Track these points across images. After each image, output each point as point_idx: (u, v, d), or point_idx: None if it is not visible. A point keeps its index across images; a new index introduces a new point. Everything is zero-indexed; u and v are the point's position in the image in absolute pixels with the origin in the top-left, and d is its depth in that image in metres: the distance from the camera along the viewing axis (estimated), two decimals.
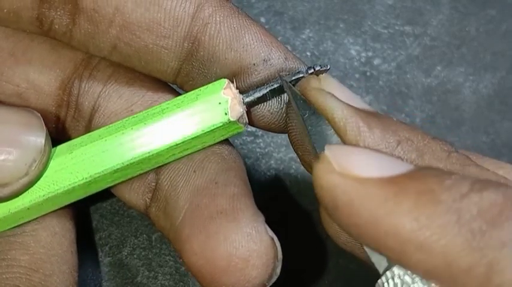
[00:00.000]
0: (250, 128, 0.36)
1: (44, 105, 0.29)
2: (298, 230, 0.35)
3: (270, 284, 0.25)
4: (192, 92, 0.26)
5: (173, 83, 0.27)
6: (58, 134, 0.29)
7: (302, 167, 0.26)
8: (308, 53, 0.38)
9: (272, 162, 0.36)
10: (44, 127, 0.25)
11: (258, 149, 0.36)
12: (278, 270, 0.25)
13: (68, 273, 0.27)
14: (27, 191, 0.26)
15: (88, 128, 0.28)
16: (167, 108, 0.26)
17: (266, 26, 0.38)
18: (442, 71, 0.39)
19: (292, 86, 0.25)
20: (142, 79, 0.28)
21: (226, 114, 0.25)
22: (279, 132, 0.27)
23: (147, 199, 0.28)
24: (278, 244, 0.25)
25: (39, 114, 0.26)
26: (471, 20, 0.40)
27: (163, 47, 0.26)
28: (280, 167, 0.36)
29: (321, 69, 0.26)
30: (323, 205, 0.21)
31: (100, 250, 0.34)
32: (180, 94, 0.28)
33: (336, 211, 0.20)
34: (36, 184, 0.26)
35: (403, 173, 0.20)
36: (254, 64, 0.26)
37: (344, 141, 0.23)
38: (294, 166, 0.36)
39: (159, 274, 0.33)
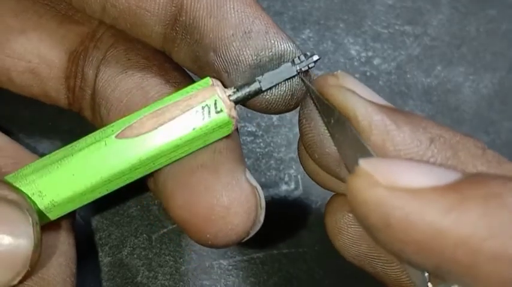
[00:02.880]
0: (250, 128, 0.36)
1: (56, 79, 0.30)
2: (298, 231, 0.35)
3: (254, 232, 0.26)
4: (184, 101, 0.25)
5: (161, 49, 0.27)
6: (70, 104, 0.31)
7: (302, 167, 0.26)
8: (308, 53, 0.38)
9: (272, 162, 0.36)
10: (32, 231, 0.23)
11: (258, 149, 0.36)
12: (261, 218, 0.26)
13: (66, 265, 0.27)
14: None
15: (93, 96, 0.29)
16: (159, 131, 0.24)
17: None
18: (442, 71, 0.39)
19: (312, 87, 0.24)
20: (140, 48, 0.29)
21: (227, 131, 0.25)
22: (262, 113, 0.27)
23: None
24: (261, 192, 0.26)
25: (30, 205, 0.24)
26: (471, 20, 0.40)
27: (146, 10, 0.25)
28: (280, 167, 0.36)
29: (310, 61, 0.25)
30: (367, 224, 0.18)
31: (100, 250, 0.34)
32: (173, 63, 0.28)
33: (388, 229, 0.18)
34: None
35: (460, 179, 0.18)
36: (233, 35, 0.25)
37: (370, 143, 0.21)
38: (294, 166, 0.36)
39: (159, 274, 0.33)
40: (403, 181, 0.18)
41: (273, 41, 0.25)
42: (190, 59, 0.26)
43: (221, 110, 0.24)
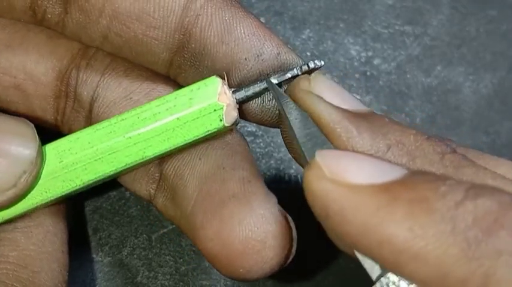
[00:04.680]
0: (250, 128, 0.36)
1: (42, 97, 0.28)
2: (298, 231, 0.35)
3: (287, 264, 0.25)
4: (184, 93, 0.25)
5: (166, 74, 0.27)
6: (58, 126, 0.29)
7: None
8: (308, 53, 0.38)
9: (272, 162, 0.36)
10: (37, 139, 0.25)
11: (258, 149, 0.36)
12: (294, 249, 0.25)
13: (58, 272, 0.27)
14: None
15: (88, 119, 0.28)
16: (159, 113, 0.25)
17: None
18: (442, 71, 0.39)
19: (278, 87, 0.25)
20: (140, 68, 0.28)
21: (221, 120, 0.25)
22: (272, 127, 0.27)
23: (151, 190, 0.28)
24: (292, 223, 0.25)
25: (33, 125, 0.26)
26: (471, 20, 0.40)
27: (153, 38, 0.25)
28: (280, 167, 0.36)
29: (315, 67, 0.25)
30: (314, 212, 0.20)
31: (100, 250, 0.34)
32: (176, 83, 0.28)
33: (327, 219, 0.20)
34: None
35: (395, 180, 0.19)
36: (246, 59, 0.25)
37: (334, 146, 0.23)
38: (294, 166, 0.36)
39: (159, 274, 0.33)
40: (346, 176, 0.19)
41: (284, 62, 0.25)
42: None
43: (229, 116, 0.25)
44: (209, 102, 0.25)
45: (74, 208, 0.30)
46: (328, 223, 0.20)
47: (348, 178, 0.19)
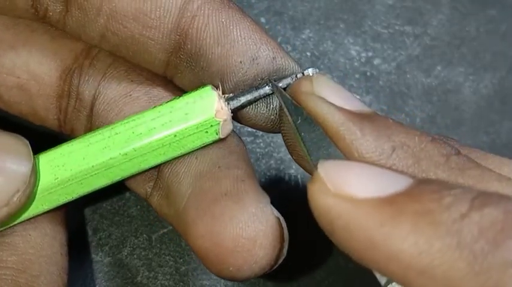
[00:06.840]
0: (251, 128, 0.36)
1: (45, 96, 0.29)
2: (298, 231, 0.35)
3: (277, 264, 0.25)
4: (180, 106, 0.25)
5: (163, 75, 0.27)
6: (60, 126, 0.29)
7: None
8: (308, 53, 0.38)
9: (272, 162, 0.36)
10: (32, 156, 0.25)
11: (258, 149, 0.36)
12: (285, 250, 0.25)
13: (57, 275, 0.27)
14: None
15: (90, 117, 0.28)
16: (154, 128, 0.25)
17: (266, 26, 0.38)
18: (442, 71, 0.39)
19: (282, 90, 0.25)
20: (141, 68, 0.28)
21: (217, 134, 0.25)
22: (266, 132, 0.27)
23: (147, 188, 0.28)
24: (284, 224, 0.25)
25: (28, 142, 0.25)
26: (471, 20, 0.40)
27: (149, 38, 0.25)
28: (280, 167, 0.36)
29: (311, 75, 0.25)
30: (320, 227, 0.20)
31: (100, 250, 0.34)
32: (175, 84, 0.28)
33: (334, 234, 0.19)
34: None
35: (400, 191, 0.19)
36: (241, 62, 0.25)
37: (339, 150, 0.22)
38: (294, 166, 0.36)
39: (159, 274, 0.33)
40: (349, 189, 0.19)
41: (279, 66, 0.25)
42: (194, 84, 0.26)
43: (225, 129, 0.25)
44: (206, 119, 0.25)
45: (73, 208, 0.30)
46: (334, 238, 0.19)
47: (351, 192, 0.19)
